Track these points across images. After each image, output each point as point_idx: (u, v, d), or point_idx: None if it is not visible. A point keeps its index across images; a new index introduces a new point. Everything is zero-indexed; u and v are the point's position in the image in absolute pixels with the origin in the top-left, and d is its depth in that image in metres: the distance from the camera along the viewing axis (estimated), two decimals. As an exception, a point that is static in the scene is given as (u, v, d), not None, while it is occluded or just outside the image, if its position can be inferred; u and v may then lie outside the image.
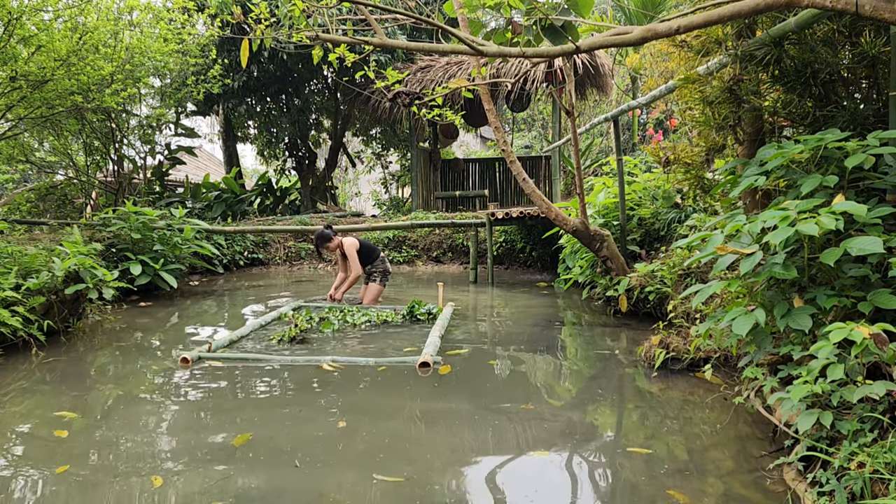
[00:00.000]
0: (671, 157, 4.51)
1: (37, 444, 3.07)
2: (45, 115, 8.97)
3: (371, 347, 4.90)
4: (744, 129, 3.84)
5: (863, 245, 2.42)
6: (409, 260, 11.21)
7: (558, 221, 5.90)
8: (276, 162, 16.81)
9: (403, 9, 3.93)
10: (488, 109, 5.98)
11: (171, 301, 7.53)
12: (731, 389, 3.59)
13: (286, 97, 14.25)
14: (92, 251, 6.03)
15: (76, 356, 4.82)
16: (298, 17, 4.05)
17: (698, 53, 4.04)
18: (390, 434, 3.10)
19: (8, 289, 4.78)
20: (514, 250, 10.67)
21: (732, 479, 2.56)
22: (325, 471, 2.68)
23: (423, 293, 7.74)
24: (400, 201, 16.92)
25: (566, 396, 3.85)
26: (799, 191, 2.83)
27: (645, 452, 2.84)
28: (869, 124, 3.26)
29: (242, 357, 4.47)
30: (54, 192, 11.78)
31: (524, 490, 2.52)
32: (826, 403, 2.39)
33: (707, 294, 2.96)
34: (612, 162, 9.06)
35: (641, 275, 5.34)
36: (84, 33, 8.27)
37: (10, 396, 3.84)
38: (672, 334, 4.28)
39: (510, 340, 5.29)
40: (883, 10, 2.35)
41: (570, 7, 3.15)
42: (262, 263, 11.30)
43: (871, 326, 2.25)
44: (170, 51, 9.64)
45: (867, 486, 2.04)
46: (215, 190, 12.79)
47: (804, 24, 3.22)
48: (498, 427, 3.21)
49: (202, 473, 2.68)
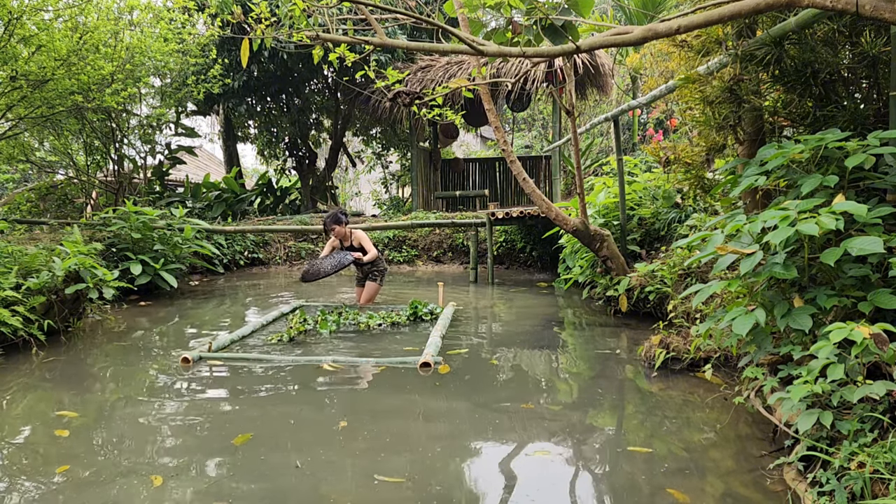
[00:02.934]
0: (671, 157, 4.51)
1: (37, 443, 3.07)
2: (45, 114, 8.97)
3: (371, 347, 4.90)
4: (744, 129, 3.84)
5: (863, 245, 2.42)
6: (409, 260, 11.21)
7: (558, 221, 5.90)
8: (276, 162, 16.81)
9: (403, 9, 3.93)
10: (488, 109, 5.97)
11: (171, 301, 7.53)
12: (731, 389, 3.59)
13: (286, 97, 14.24)
14: (92, 251, 6.03)
15: (76, 356, 4.83)
16: (299, 16, 4.05)
17: (698, 53, 4.04)
18: (391, 434, 3.10)
19: (8, 288, 4.78)
20: (515, 250, 10.67)
21: (732, 479, 2.56)
22: (326, 471, 2.69)
23: (424, 293, 7.74)
24: (400, 201, 16.92)
25: (566, 396, 3.85)
26: (799, 191, 2.83)
27: (645, 452, 2.84)
28: (869, 124, 3.26)
29: (243, 357, 4.48)
30: (54, 192, 11.79)
31: (525, 489, 2.53)
32: (826, 403, 2.39)
33: (707, 294, 2.96)
34: (612, 162, 9.05)
35: (641, 275, 5.35)
36: (84, 33, 8.27)
37: (10, 396, 3.84)
38: (672, 334, 4.29)
39: (510, 340, 5.30)
40: (883, 10, 2.35)
41: (570, 7, 3.16)
42: (262, 263, 11.30)
43: (871, 326, 2.26)
44: (170, 50, 9.64)
45: (867, 486, 2.04)
46: (215, 190, 12.79)
47: (804, 24, 3.23)
48: (498, 426, 3.21)
49: (202, 473, 2.69)
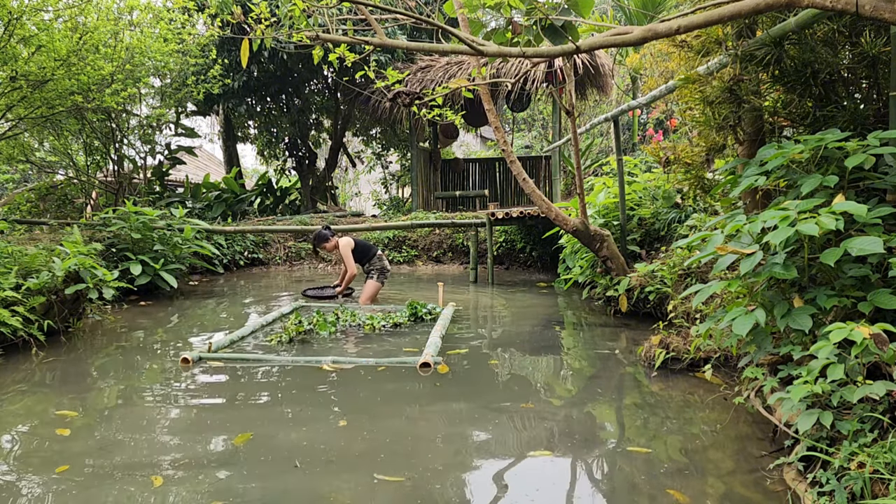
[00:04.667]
0: (671, 157, 4.51)
1: (37, 443, 3.07)
2: (45, 114, 8.97)
3: (371, 347, 4.90)
4: (744, 129, 3.84)
5: (863, 245, 2.42)
6: (409, 260, 11.21)
7: (558, 221, 5.90)
8: (276, 162, 16.81)
9: (403, 9, 3.94)
10: (488, 109, 5.97)
11: (171, 301, 7.53)
12: (731, 389, 3.59)
13: (286, 97, 14.24)
14: (92, 251, 6.03)
15: (76, 356, 4.83)
16: (298, 16, 4.05)
17: (698, 53, 4.04)
18: (391, 434, 3.10)
19: (8, 289, 4.78)
20: (515, 250, 10.67)
21: (732, 479, 2.56)
22: (326, 471, 2.69)
23: (424, 293, 7.74)
24: (400, 201, 16.92)
25: (566, 396, 3.85)
26: (799, 191, 2.83)
27: (645, 452, 2.84)
28: (869, 124, 3.26)
29: (243, 357, 4.47)
30: (54, 192, 11.78)
31: (525, 489, 2.53)
32: (826, 403, 2.39)
33: (707, 294, 2.96)
34: (612, 162, 9.05)
35: (641, 275, 5.35)
36: (84, 33, 8.27)
37: (10, 396, 3.84)
38: (672, 334, 4.29)
39: (510, 340, 5.30)
40: (883, 10, 2.35)
41: (570, 7, 3.16)
42: (262, 263, 11.30)
43: (871, 326, 2.26)
44: (170, 51, 9.64)
45: (867, 486, 2.04)
46: (215, 190, 12.79)
47: (804, 24, 3.23)
48: (498, 426, 3.21)
49: (202, 473, 2.69)
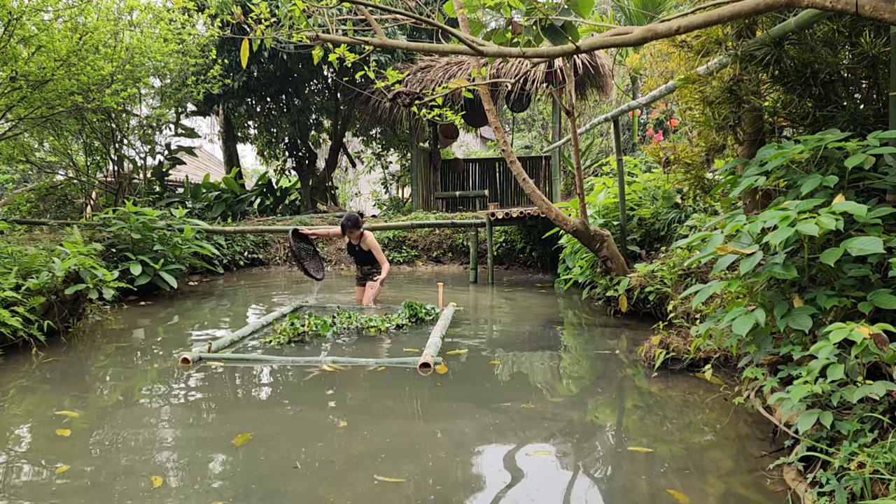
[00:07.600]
0: (671, 157, 4.52)
1: (37, 443, 3.07)
2: (45, 115, 8.97)
3: (371, 348, 4.90)
4: (744, 129, 3.84)
5: (863, 245, 2.42)
6: (409, 260, 11.22)
7: (558, 221, 5.90)
8: (276, 162, 16.81)
9: (403, 9, 3.94)
10: (488, 109, 5.97)
11: (171, 301, 7.53)
12: (731, 389, 3.59)
13: (286, 97, 14.24)
14: (92, 251, 6.03)
15: (76, 356, 4.82)
16: (298, 17, 4.05)
17: (698, 53, 4.04)
18: (391, 434, 3.10)
19: (8, 289, 4.78)
20: (514, 250, 10.67)
21: (732, 479, 2.56)
22: (326, 471, 2.69)
23: (424, 293, 7.74)
24: (400, 201, 16.92)
25: (566, 396, 3.85)
26: (799, 191, 2.83)
27: (645, 452, 2.84)
28: (869, 124, 3.26)
29: (243, 357, 4.47)
30: (54, 192, 11.79)
31: (525, 489, 2.53)
32: (826, 403, 2.39)
33: (707, 294, 2.96)
34: (612, 162, 9.05)
35: (641, 275, 5.35)
36: (84, 33, 8.27)
37: (10, 396, 3.84)
38: (672, 334, 4.29)
39: (510, 340, 5.30)
40: (883, 11, 2.35)
41: (570, 7, 3.15)
42: (262, 264, 11.30)
43: (871, 326, 2.26)
44: (170, 51, 9.64)
45: (867, 486, 2.04)
46: (215, 190, 12.79)
47: (804, 25, 3.23)
48: (499, 426, 3.21)
49: (202, 473, 2.69)
